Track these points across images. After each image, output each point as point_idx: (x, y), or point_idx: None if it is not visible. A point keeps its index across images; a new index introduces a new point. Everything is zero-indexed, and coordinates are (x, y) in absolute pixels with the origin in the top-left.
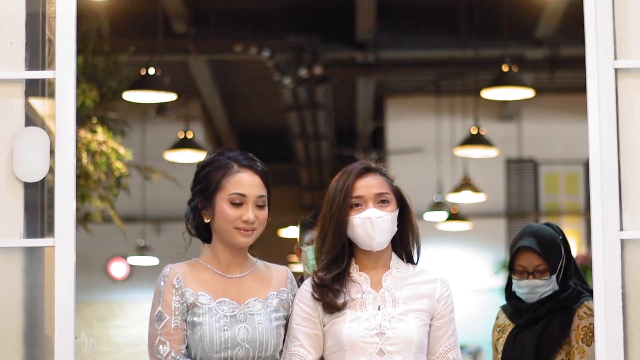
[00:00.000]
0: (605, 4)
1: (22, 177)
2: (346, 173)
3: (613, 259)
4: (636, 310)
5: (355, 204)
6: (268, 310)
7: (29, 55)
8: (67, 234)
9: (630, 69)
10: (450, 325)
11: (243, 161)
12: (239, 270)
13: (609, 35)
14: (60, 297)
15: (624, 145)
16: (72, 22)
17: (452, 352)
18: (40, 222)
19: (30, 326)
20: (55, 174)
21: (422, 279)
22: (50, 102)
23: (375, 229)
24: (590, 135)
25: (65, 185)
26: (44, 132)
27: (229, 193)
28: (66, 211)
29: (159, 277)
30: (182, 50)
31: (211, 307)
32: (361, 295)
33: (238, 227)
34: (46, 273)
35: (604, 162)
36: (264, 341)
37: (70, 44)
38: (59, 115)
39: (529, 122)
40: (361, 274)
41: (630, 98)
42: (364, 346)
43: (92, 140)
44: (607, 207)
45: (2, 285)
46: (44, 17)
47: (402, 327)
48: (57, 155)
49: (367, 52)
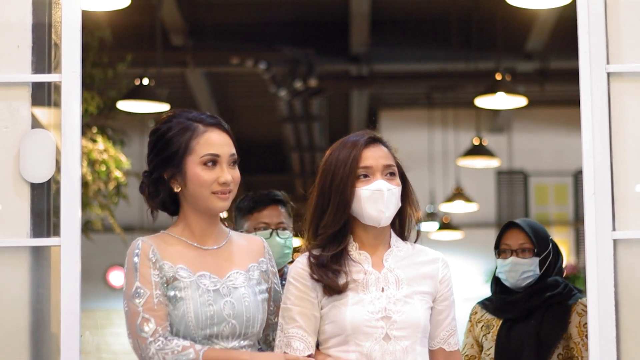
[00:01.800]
0: (598, 10)
1: (28, 178)
2: (350, 143)
3: (606, 258)
4: (628, 308)
5: (362, 174)
6: (251, 283)
7: (35, 59)
8: (72, 233)
9: (622, 73)
10: (452, 308)
11: (208, 119)
12: (215, 242)
13: (602, 41)
14: (66, 295)
15: (617, 147)
16: (78, 27)
17: (453, 337)
18: (47, 222)
19: (36, 324)
20: (61, 174)
21: (423, 258)
22: (55, 107)
23: (385, 202)
24: (583, 138)
25: (71, 186)
26: (49, 134)
27: (200, 155)
28: (72, 211)
29: (130, 252)
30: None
31: (192, 281)
32: (363, 276)
33: (215, 191)
34: (52, 272)
35: (596, 164)
36: (250, 316)
37: (75, 48)
38: (65, 116)
39: (519, 134)
40: (361, 252)
41: (622, 101)
42: (369, 331)
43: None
44: (600, 208)
45: (9, 284)
46: (49, 22)
47: (409, 310)
48: (63, 156)
49: (361, 65)
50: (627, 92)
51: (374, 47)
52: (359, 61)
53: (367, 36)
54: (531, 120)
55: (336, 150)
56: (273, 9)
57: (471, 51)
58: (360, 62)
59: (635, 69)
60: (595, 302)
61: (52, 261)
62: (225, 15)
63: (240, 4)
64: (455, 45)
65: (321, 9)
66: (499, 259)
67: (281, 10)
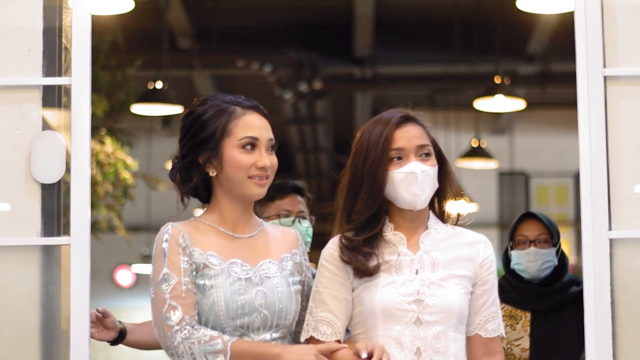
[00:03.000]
0: (595, 14)
1: (39, 178)
2: (382, 122)
3: (602, 258)
4: (624, 306)
5: (395, 157)
6: (284, 273)
7: (46, 63)
8: (82, 232)
9: (618, 76)
10: (492, 292)
11: (245, 102)
12: (247, 230)
13: (598, 44)
14: (76, 293)
15: (613, 148)
16: (88, 31)
17: (491, 323)
18: (57, 221)
19: (47, 321)
20: (71, 175)
21: (463, 240)
22: (65, 109)
23: (420, 185)
24: (580, 140)
25: (81, 186)
26: (60, 136)
27: (239, 138)
28: (81, 211)
29: (159, 237)
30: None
31: (223, 269)
32: (396, 258)
33: (252, 175)
34: (62, 270)
35: (593, 165)
36: (283, 307)
37: (85, 52)
38: (75, 119)
39: (520, 136)
40: (396, 233)
41: (618, 104)
42: (399, 314)
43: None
44: (597, 208)
45: (21, 281)
46: (60, 27)
47: (443, 294)
48: (73, 157)
49: (364, 67)
50: (623, 95)
51: (377, 50)
52: (363, 64)
53: (371, 39)
54: (532, 122)
55: (368, 130)
56: (278, 13)
57: (473, 54)
58: (364, 65)
59: (631, 72)
60: (592, 301)
61: (62, 260)
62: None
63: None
64: (457, 48)
65: (326, 13)
66: (515, 250)
67: (286, 14)
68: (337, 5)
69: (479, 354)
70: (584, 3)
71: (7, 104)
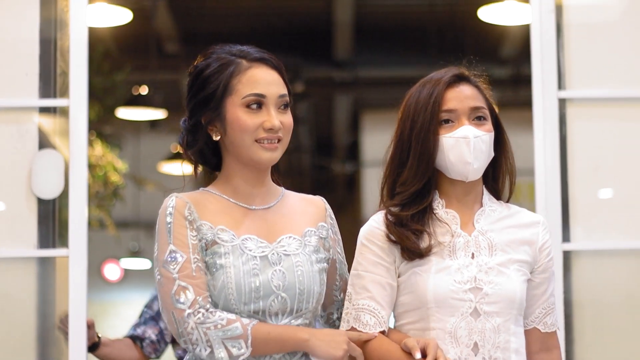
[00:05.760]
0: (550, 39)
1: (40, 194)
2: (432, 81)
3: (556, 269)
4: (580, 317)
5: (445, 119)
6: (307, 250)
7: (42, 85)
8: (80, 245)
9: (572, 98)
10: (551, 281)
11: (253, 54)
12: (263, 201)
13: (553, 68)
14: (74, 301)
15: (572, 167)
16: (84, 54)
17: (550, 317)
18: (52, 234)
19: (43, 328)
20: (69, 190)
21: (522, 220)
22: (61, 122)
23: (472, 151)
24: (535, 158)
25: (78, 201)
26: (59, 154)
27: (242, 95)
28: (79, 225)
29: (162, 210)
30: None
31: (235, 246)
32: (450, 239)
33: (259, 138)
34: (57, 279)
35: (547, 180)
36: (304, 289)
37: (82, 74)
38: (72, 137)
39: None
40: (448, 211)
41: (574, 124)
42: (455, 304)
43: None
44: (551, 222)
45: (19, 290)
46: (55, 51)
47: (503, 281)
48: (71, 174)
49: (344, 71)
50: (578, 116)
51: (357, 54)
52: (343, 67)
53: (351, 44)
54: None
55: (416, 91)
56: (260, 18)
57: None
58: (344, 68)
59: (583, 94)
60: None
61: (57, 270)
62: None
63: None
64: (433, 52)
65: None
66: None
67: (268, 19)
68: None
69: (536, 349)
70: (539, 27)
71: (7, 124)
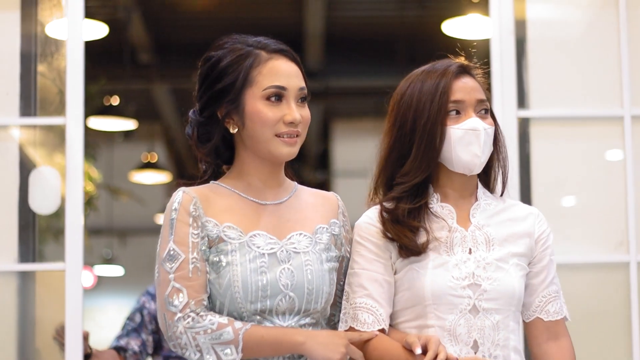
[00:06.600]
0: (510, 59)
1: (38, 210)
2: (435, 72)
3: None
4: None
5: (453, 110)
6: (317, 248)
7: (22, 105)
8: (76, 259)
9: (531, 117)
10: (550, 270)
11: (272, 45)
12: (275, 196)
13: (513, 87)
14: (71, 314)
15: (535, 183)
16: (81, 74)
17: (552, 304)
18: (33, 249)
19: (23, 340)
20: (65, 206)
21: (517, 213)
22: (41, 138)
23: (482, 144)
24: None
25: (75, 217)
26: (56, 172)
27: (263, 88)
28: (75, 239)
29: (169, 205)
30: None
31: (243, 243)
32: (447, 234)
33: (280, 132)
34: (37, 293)
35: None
36: (313, 288)
37: (78, 93)
38: (69, 154)
39: None
40: (444, 205)
41: (536, 142)
42: (453, 301)
43: None
44: None
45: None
46: (35, 72)
47: (502, 277)
48: (67, 190)
49: (315, 80)
50: (537, 134)
51: (327, 64)
52: (314, 77)
53: (321, 54)
54: None
55: (417, 81)
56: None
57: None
58: (315, 78)
59: (542, 114)
60: None
61: (37, 284)
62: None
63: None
64: (402, 62)
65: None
66: None
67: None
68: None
69: (544, 339)
70: (499, 47)
71: None
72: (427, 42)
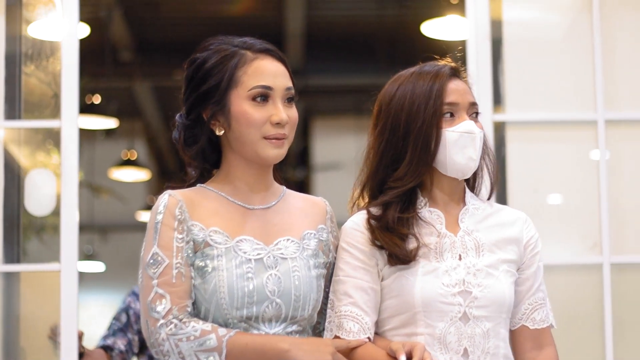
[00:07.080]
0: (485, 62)
1: (34, 212)
2: (427, 74)
3: None
4: None
5: (447, 113)
6: (305, 254)
7: (7, 108)
8: (71, 260)
9: (506, 121)
10: (537, 276)
11: (257, 45)
12: (263, 200)
13: (488, 91)
14: (66, 314)
15: (510, 186)
16: (75, 79)
17: (539, 312)
18: (17, 249)
19: (7, 339)
20: (61, 208)
21: (505, 218)
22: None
23: (477, 147)
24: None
25: (70, 218)
26: (52, 174)
27: (248, 88)
28: (70, 240)
29: (154, 208)
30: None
31: (229, 248)
32: (436, 240)
33: (267, 135)
34: (21, 294)
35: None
36: (300, 295)
37: (73, 97)
38: (64, 156)
39: None
40: (432, 210)
41: (511, 146)
42: (444, 308)
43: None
44: None
45: None
46: (20, 75)
47: (492, 283)
48: (62, 192)
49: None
50: (512, 138)
51: (307, 63)
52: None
53: (302, 53)
54: None
55: (407, 84)
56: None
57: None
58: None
59: (518, 118)
60: None
61: (21, 285)
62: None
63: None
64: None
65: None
66: None
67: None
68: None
69: (528, 347)
70: (475, 50)
71: None
72: (406, 41)
